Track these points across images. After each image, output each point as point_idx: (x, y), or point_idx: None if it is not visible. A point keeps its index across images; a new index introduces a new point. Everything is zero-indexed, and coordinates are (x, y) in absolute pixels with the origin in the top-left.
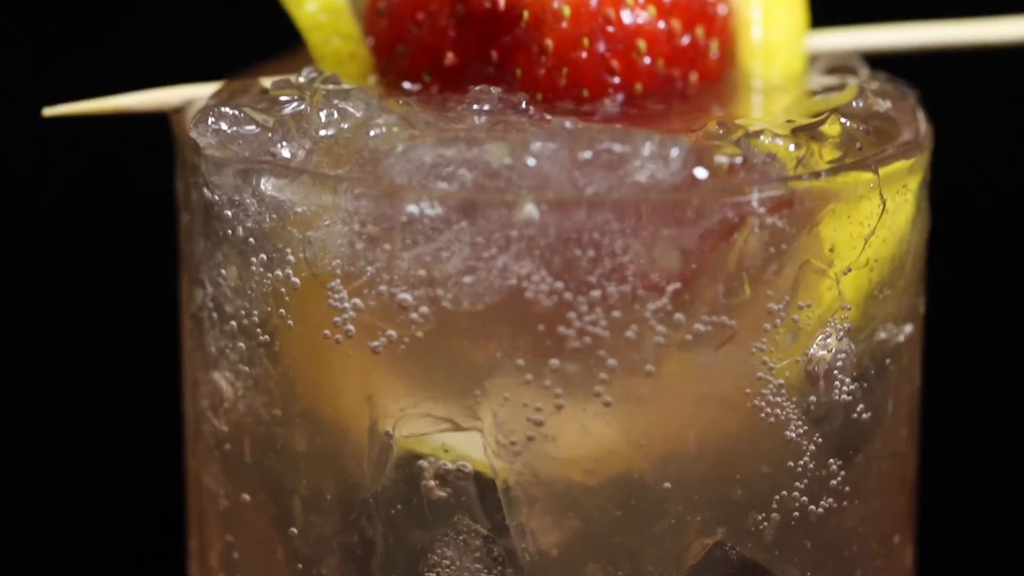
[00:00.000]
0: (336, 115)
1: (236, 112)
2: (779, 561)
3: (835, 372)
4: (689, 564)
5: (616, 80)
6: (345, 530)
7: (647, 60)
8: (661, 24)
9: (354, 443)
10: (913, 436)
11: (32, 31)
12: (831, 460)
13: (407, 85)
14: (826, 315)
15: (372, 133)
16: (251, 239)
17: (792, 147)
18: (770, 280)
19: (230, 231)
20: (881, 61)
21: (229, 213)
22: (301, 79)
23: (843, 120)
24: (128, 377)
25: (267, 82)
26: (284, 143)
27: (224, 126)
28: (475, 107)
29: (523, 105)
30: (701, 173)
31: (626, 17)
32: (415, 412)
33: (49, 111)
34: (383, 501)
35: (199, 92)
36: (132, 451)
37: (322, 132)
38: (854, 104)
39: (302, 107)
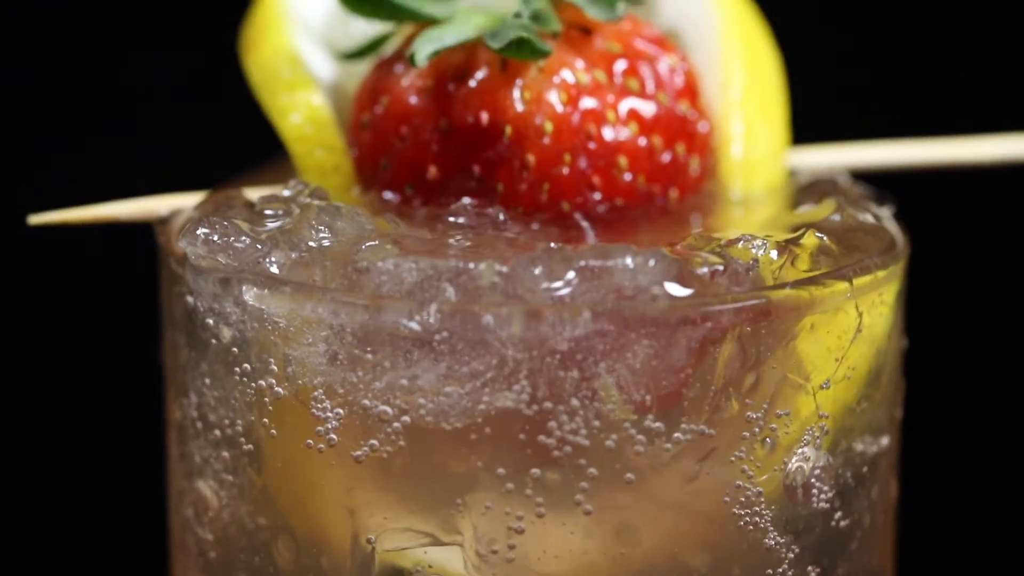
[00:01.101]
0: (325, 231)
1: (226, 223)
2: None
3: (813, 482)
4: None
5: (597, 196)
6: None
7: (628, 176)
8: (642, 141)
9: (337, 556)
10: (891, 544)
11: (13, 138)
12: (810, 568)
13: (389, 196)
14: (803, 427)
15: (360, 249)
16: (234, 348)
17: (774, 254)
18: (749, 391)
19: (213, 340)
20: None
21: (211, 322)
22: (287, 193)
23: (820, 235)
24: (113, 488)
25: (252, 193)
26: (273, 257)
27: (215, 237)
28: (454, 220)
29: (500, 218)
30: (681, 284)
31: (607, 134)
32: (396, 526)
33: (34, 219)
34: None
35: (185, 202)
36: (119, 560)
37: (311, 244)
38: (832, 218)
39: (291, 222)
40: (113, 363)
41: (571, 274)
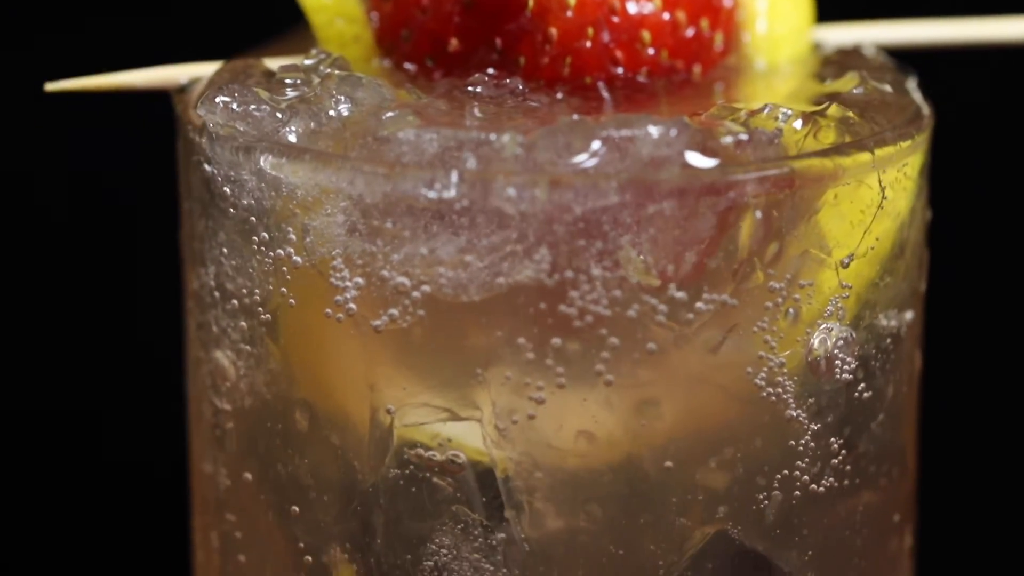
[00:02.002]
0: (346, 101)
1: (245, 91)
2: (780, 543)
3: (836, 353)
4: (690, 553)
5: (619, 71)
6: (344, 517)
7: (651, 51)
8: (666, 15)
9: (355, 430)
10: (914, 416)
11: (31, 11)
12: (832, 439)
13: (409, 67)
14: (826, 300)
15: (380, 119)
16: (252, 218)
17: (798, 124)
18: (772, 261)
19: (231, 209)
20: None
21: (229, 191)
22: (308, 62)
23: (843, 106)
24: (130, 360)
25: (271, 63)
26: (292, 126)
27: (234, 105)
28: (473, 90)
29: (519, 88)
30: (704, 153)
31: (631, 7)
32: (414, 402)
33: (51, 86)
34: (383, 490)
35: (204, 71)
36: (135, 430)
37: (331, 113)
38: (856, 90)
39: (311, 91)
40: (130, 232)
41: (593, 144)
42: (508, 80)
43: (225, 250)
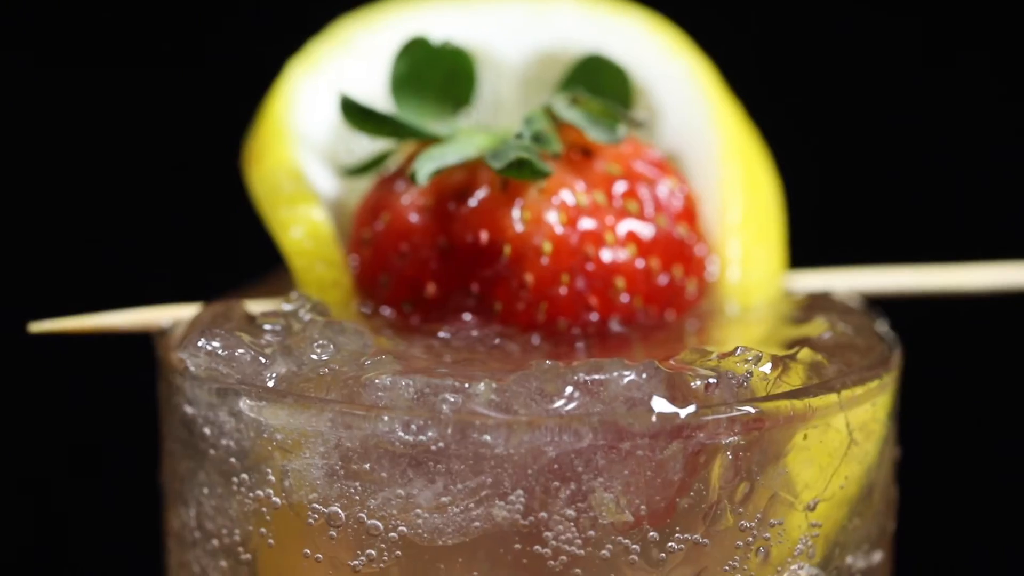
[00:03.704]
0: (328, 346)
1: (227, 335)
2: None
3: None
4: None
5: (594, 317)
6: None
7: (625, 298)
8: (640, 263)
9: None
10: None
11: (17, 245)
12: None
13: (387, 312)
14: (796, 541)
15: (360, 366)
16: (232, 459)
17: (767, 368)
18: (742, 501)
19: (211, 450)
20: None
21: (209, 432)
22: (288, 307)
23: (813, 351)
24: None
25: (252, 305)
26: (272, 370)
27: (217, 349)
28: (447, 336)
29: (496, 341)
30: (674, 397)
31: (605, 255)
32: None
33: (34, 327)
34: None
35: (185, 313)
36: None
37: (312, 356)
38: (824, 335)
39: (292, 337)
40: (112, 473)
41: (566, 389)
42: (483, 326)
43: (205, 490)
